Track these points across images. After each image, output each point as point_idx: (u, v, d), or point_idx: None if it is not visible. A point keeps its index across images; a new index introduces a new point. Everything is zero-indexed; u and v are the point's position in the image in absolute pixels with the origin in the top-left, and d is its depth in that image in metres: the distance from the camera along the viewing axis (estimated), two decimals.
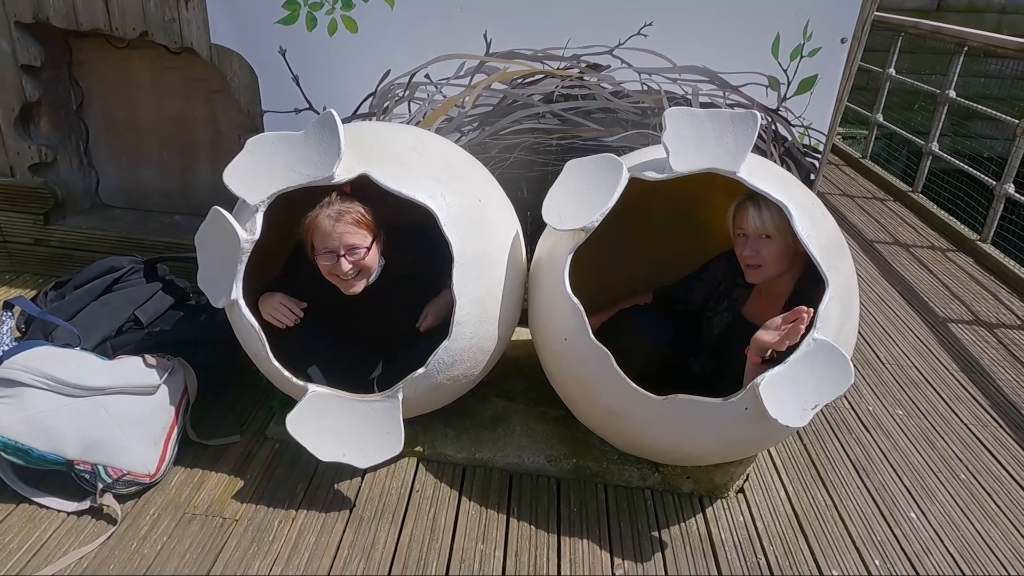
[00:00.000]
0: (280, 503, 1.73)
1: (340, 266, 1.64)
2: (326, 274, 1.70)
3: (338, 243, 1.63)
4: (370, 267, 1.70)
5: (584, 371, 1.65)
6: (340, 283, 1.70)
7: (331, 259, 1.65)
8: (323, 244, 1.64)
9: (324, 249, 1.64)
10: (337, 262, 1.64)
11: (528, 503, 1.81)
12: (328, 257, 1.65)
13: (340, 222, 1.62)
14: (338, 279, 1.69)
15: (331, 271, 1.67)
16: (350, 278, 1.67)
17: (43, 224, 2.61)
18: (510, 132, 2.22)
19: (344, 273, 1.65)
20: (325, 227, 1.62)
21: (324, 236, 1.63)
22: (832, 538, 1.80)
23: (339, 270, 1.65)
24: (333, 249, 1.64)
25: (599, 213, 1.61)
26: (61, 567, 1.51)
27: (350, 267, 1.65)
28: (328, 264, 1.66)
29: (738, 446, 1.67)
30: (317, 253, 1.66)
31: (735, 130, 1.61)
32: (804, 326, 1.48)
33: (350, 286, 1.69)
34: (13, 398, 1.60)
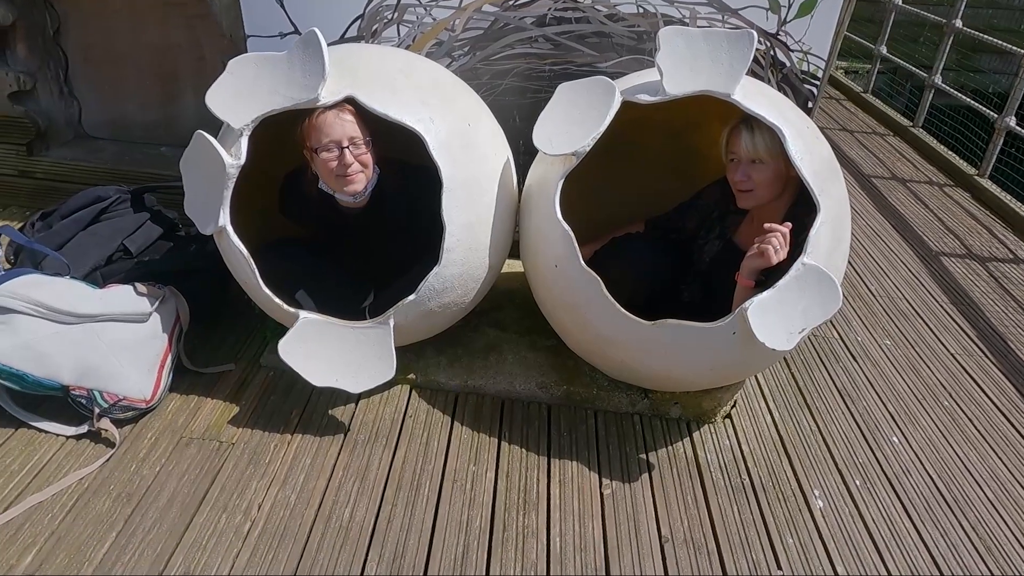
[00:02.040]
0: (275, 428, 1.76)
1: (344, 157, 1.62)
2: (326, 176, 1.67)
3: (341, 133, 1.60)
4: (369, 165, 1.68)
5: (574, 298, 1.66)
6: (341, 182, 1.66)
7: (334, 151, 1.62)
8: (326, 136, 1.60)
9: (327, 141, 1.60)
10: (341, 153, 1.62)
11: (519, 428, 1.84)
12: (331, 149, 1.61)
13: (340, 116, 1.60)
14: (340, 177, 1.65)
15: (334, 168, 1.64)
16: (353, 172, 1.64)
17: (26, 155, 2.56)
18: (502, 57, 2.16)
19: (348, 165, 1.62)
20: (327, 119, 1.59)
21: (327, 128, 1.59)
22: (815, 460, 1.85)
23: (343, 162, 1.62)
24: (336, 140, 1.60)
25: (591, 137, 1.58)
26: (63, 487, 1.54)
27: (353, 160, 1.63)
28: (331, 157, 1.62)
29: (726, 370, 1.70)
30: (320, 150, 1.62)
31: (730, 51, 1.56)
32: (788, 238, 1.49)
33: (351, 183, 1.66)
34: (5, 324, 1.61)
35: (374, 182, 1.72)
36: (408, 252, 1.85)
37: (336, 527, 1.52)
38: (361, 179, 1.67)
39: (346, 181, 1.66)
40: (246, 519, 1.52)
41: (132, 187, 2.13)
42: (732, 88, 1.54)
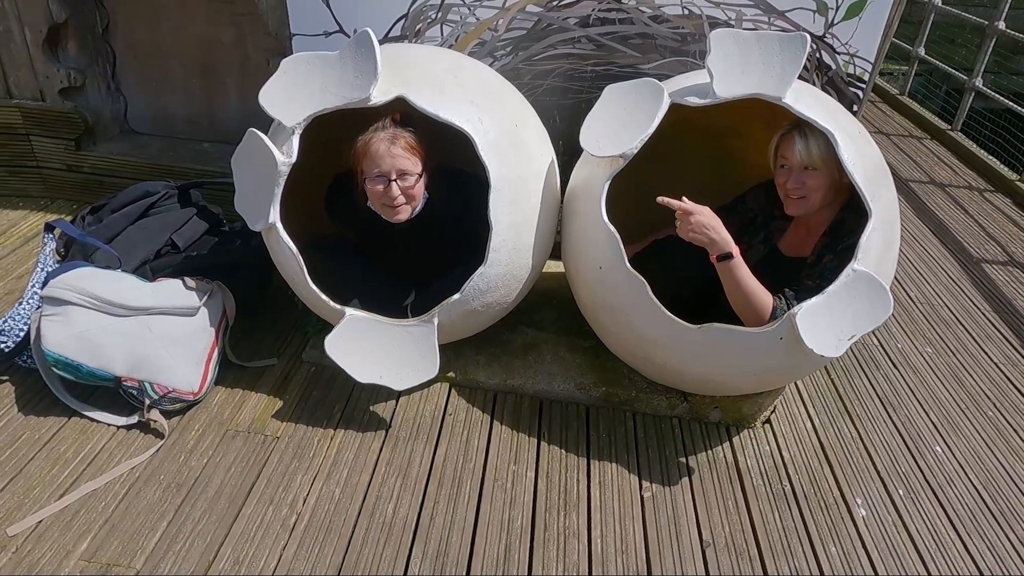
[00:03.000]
0: (319, 422, 1.79)
1: (391, 190, 1.63)
2: (374, 200, 1.69)
3: (390, 167, 1.62)
4: (417, 196, 1.69)
5: (618, 299, 1.66)
6: (387, 210, 1.69)
7: (382, 183, 1.64)
8: (375, 167, 1.62)
9: (376, 173, 1.63)
10: (388, 186, 1.63)
11: (558, 428, 1.85)
12: (379, 181, 1.64)
13: (395, 146, 1.61)
14: (386, 206, 1.68)
15: (380, 197, 1.66)
16: (399, 204, 1.66)
17: (74, 150, 2.61)
18: (544, 57, 2.16)
19: (393, 199, 1.64)
20: (379, 150, 1.61)
21: (377, 159, 1.61)
22: (857, 468, 1.83)
23: (389, 194, 1.64)
24: (385, 173, 1.62)
25: (638, 139, 1.58)
26: (115, 475, 1.58)
27: (399, 193, 1.64)
28: (378, 189, 1.64)
29: (770, 376, 1.68)
30: (368, 177, 1.64)
31: (782, 54, 1.55)
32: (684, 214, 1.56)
33: (396, 213, 1.68)
34: (61, 316, 1.65)
35: (420, 207, 1.73)
36: (451, 254, 1.87)
37: (380, 523, 1.54)
38: (406, 210, 1.69)
39: (392, 211, 1.68)
40: (292, 512, 1.54)
41: (179, 182, 2.16)
42: (784, 91, 1.53)
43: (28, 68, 2.48)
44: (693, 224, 1.56)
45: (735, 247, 1.57)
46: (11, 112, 2.55)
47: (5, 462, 1.59)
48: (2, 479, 1.55)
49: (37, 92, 2.52)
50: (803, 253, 1.73)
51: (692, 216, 1.55)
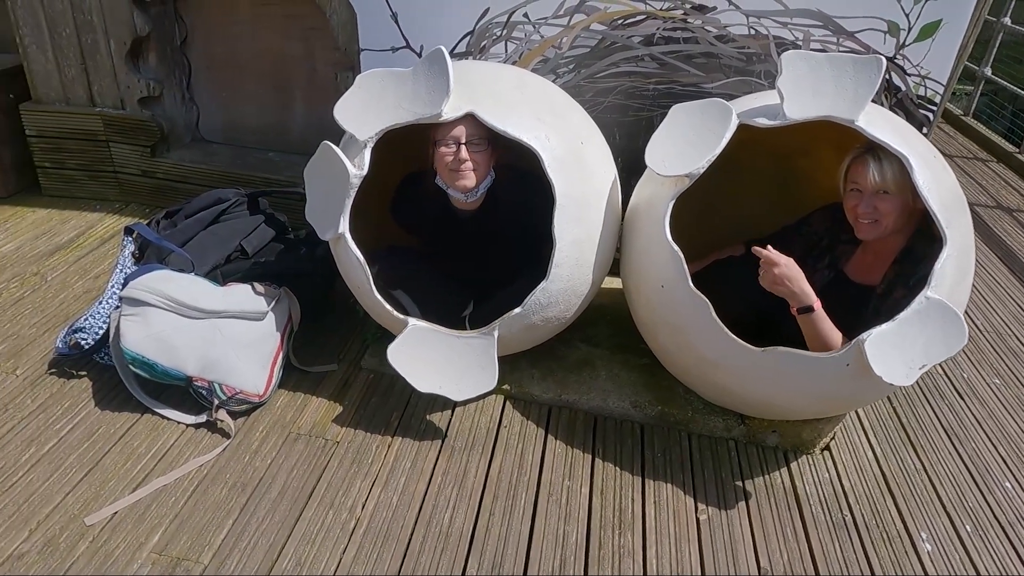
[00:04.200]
0: (377, 429, 1.82)
1: (460, 154, 1.68)
2: (442, 168, 1.73)
3: (460, 132, 1.66)
4: (484, 168, 1.73)
5: (679, 319, 1.65)
6: (454, 176, 1.72)
7: (452, 145, 1.67)
8: (447, 131, 1.66)
9: (448, 135, 1.67)
10: (458, 149, 1.67)
11: (613, 446, 1.84)
12: (449, 143, 1.68)
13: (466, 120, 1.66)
14: (453, 171, 1.71)
15: (449, 162, 1.70)
16: (466, 169, 1.70)
17: (150, 156, 2.73)
18: (606, 75, 2.17)
19: (462, 161, 1.68)
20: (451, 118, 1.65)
21: (448, 124, 1.65)
22: (921, 501, 1.77)
23: (459, 156, 1.68)
24: (455, 136, 1.66)
25: (705, 160, 1.58)
26: (184, 472, 1.64)
27: (468, 157, 1.68)
28: (448, 151, 1.68)
29: (833, 402, 1.65)
30: (439, 141, 1.69)
31: (856, 76, 1.53)
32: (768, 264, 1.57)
33: (462, 178, 1.71)
34: (140, 316, 1.72)
35: (487, 184, 1.77)
36: (511, 263, 1.89)
37: (436, 532, 1.56)
38: (472, 177, 1.72)
39: (458, 175, 1.72)
40: (351, 517, 1.57)
41: (248, 190, 2.24)
42: (857, 114, 1.51)
43: (111, 78, 2.61)
44: (776, 275, 1.57)
45: (816, 300, 1.57)
46: (94, 120, 2.69)
47: (83, 454, 1.67)
48: (80, 470, 1.62)
49: (118, 101, 2.65)
50: (871, 280, 1.70)
51: (775, 268, 1.56)
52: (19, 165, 2.85)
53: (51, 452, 1.67)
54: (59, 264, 2.43)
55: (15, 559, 1.42)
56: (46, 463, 1.64)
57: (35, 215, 2.75)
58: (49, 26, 2.54)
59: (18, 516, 1.51)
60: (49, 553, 1.43)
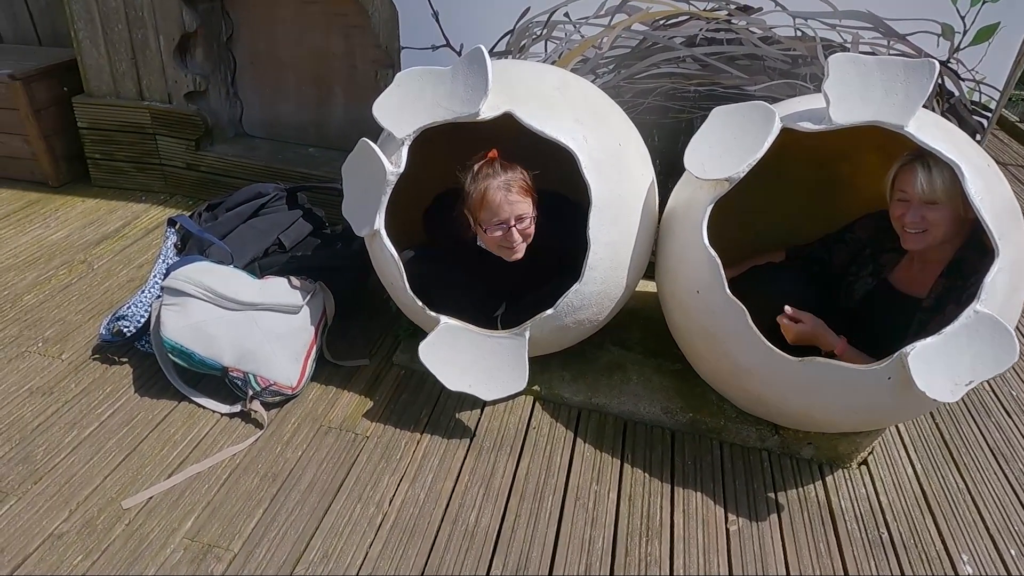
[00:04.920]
0: (406, 425, 1.83)
1: (511, 236, 1.67)
2: (491, 245, 1.72)
3: (509, 214, 1.65)
4: (532, 234, 1.72)
5: (715, 326, 1.62)
6: (504, 251, 1.72)
7: (503, 230, 1.67)
8: (495, 217, 1.65)
9: (496, 221, 1.66)
10: (508, 232, 1.66)
11: (642, 451, 1.82)
12: (499, 228, 1.67)
13: (511, 193, 1.64)
14: (504, 248, 1.71)
15: (499, 241, 1.69)
16: (516, 245, 1.69)
17: (194, 150, 2.80)
18: (646, 76, 2.15)
19: (513, 243, 1.68)
20: (496, 199, 1.64)
21: (496, 209, 1.64)
22: (963, 522, 1.71)
23: (509, 239, 1.67)
24: (504, 221, 1.66)
25: (746, 164, 1.55)
26: (218, 460, 1.67)
27: (520, 237, 1.68)
28: (499, 236, 1.68)
29: (872, 416, 1.60)
30: (487, 226, 1.67)
31: (907, 80, 1.48)
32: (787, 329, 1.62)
33: (514, 254, 1.71)
34: (180, 306, 1.76)
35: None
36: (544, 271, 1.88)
37: (462, 530, 1.56)
38: (523, 249, 1.72)
39: (509, 252, 1.71)
40: (379, 512, 1.58)
41: (287, 185, 2.27)
42: (906, 120, 1.46)
43: (160, 73, 2.68)
44: (797, 332, 1.61)
45: (839, 343, 1.62)
46: (142, 113, 2.76)
47: (123, 439, 1.71)
48: (119, 454, 1.67)
49: (165, 95, 2.72)
50: (917, 291, 1.65)
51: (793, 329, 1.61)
52: (71, 156, 2.95)
53: (92, 435, 1.71)
54: (105, 253, 2.50)
55: (55, 538, 1.46)
56: (87, 446, 1.68)
57: (84, 204, 2.84)
58: (102, 21, 2.62)
59: (59, 497, 1.55)
60: (87, 534, 1.47)
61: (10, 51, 3.00)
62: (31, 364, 1.94)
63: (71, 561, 1.42)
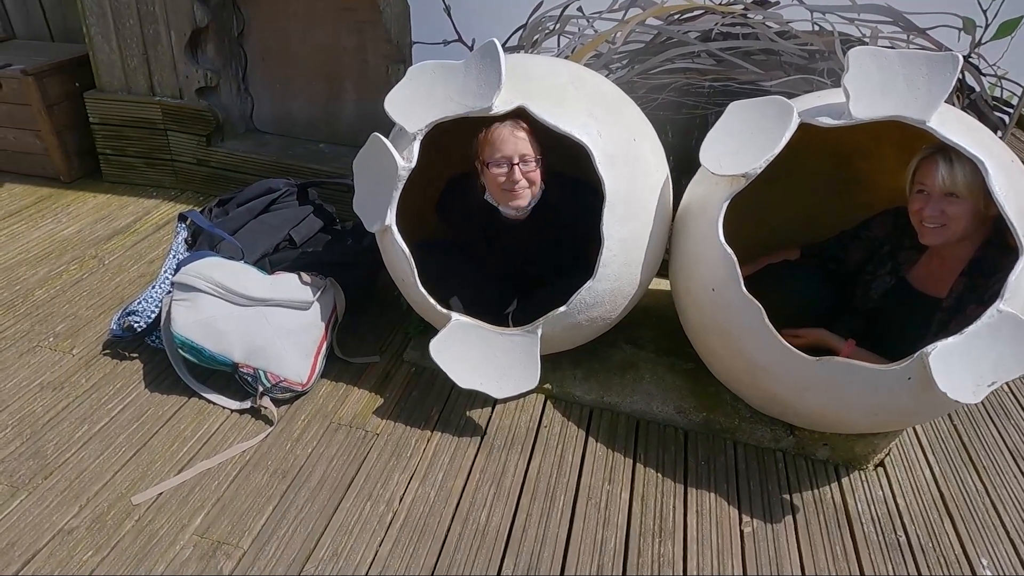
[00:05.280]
0: (417, 423, 1.82)
1: (513, 174, 1.66)
2: (494, 188, 1.71)
3: (513, 150, 1.64)
4: (537, 183, 1.71)
5: (730, 324, 1.60)
6: (506, 195, 1.70)
7: (504, 166, 1.66)
8: (498, 152, 1.64)
9: (499, 156, 1.65)
10: (510, 170, 1.66)
11: (655, 451, 1.80)
12: (502, 165, 1.66)
13: (517, 131, 1.64)
14: (506, 191, 1.69)
15: (502, 182, 1.68)
16: (520, 189, 1.68)
17: (205, 145, 2.79)
18: (661, 71, 2.12)
19: (515, 182, 1.66)
20: (502, 135, 1.63)
21: (500, 143, 1.64)
22: (983, 525, 1.68)
23: (512, 178, 1.66)
24: (508, 156, 1.64)
25: (763, 159, 1.52)
26: (228, 457, 1.66)
27: (521, 176, 1.66)
28: (500, 172, 1.66)
29: (891, 417, 1.57)
30: (490, 163, 1.67)
31: (929, 74, 1.45)
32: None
33: (515, 197, 1.69)
34: (190, 302, 1.75)
35: (538, 197, 1.74)
36: (557, 263, 1.86)
37: (473, 529, 1.54)
38: (527, 195, 1.70)
39: (512, 195, 1.69)
40: (388, 510, 1.57)
41: (298, 181, 2.26)
42: (929, 115, 1.43)
43: (171, 68, 2.67)
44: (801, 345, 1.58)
45: (845, 346, 1.66)
46: (153, 108, 2.76)
47: (133, 434, 1.71)
48: (129, 450, 1.66)
49: (176, 91, 2.72)
50: (936, 290, 1.62)
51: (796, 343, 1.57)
52: (82, 151, 2.95)
53: (102, 431, 1.71)
54: (116, 248, 2.50)
55: (65, 533, 1.46)
56: (97, 441, 1.68)
57: (95, 200, 2.84)
58: (114, 16, 2.62)
59: (69, 492, 1.55)
60: (97, 530, 1.47)
61: (22, 47, 3.00)
62: (42, 359, 1.94)
63: (81, 557, 1.41)
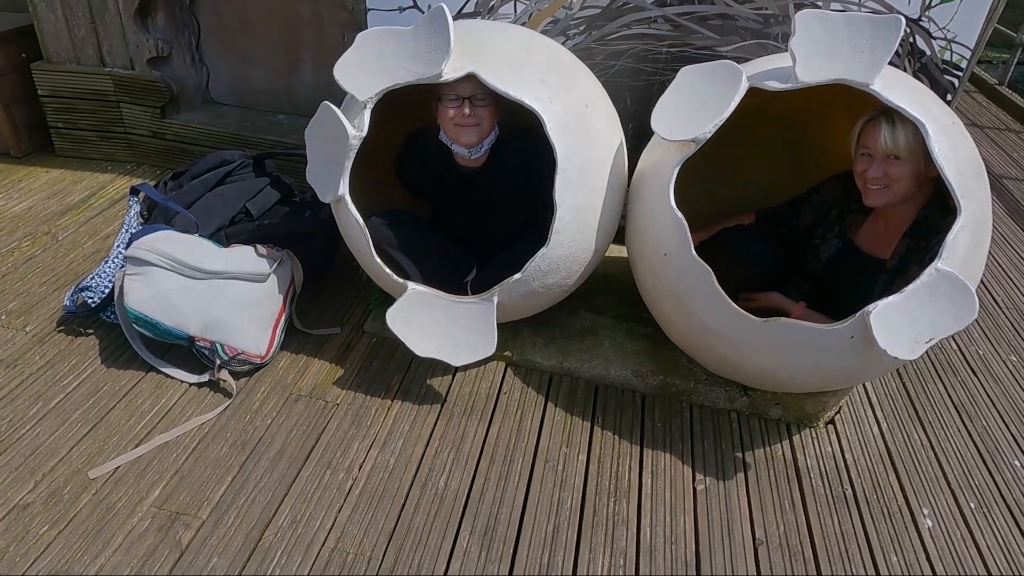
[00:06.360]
0: (377, 392, 1.83)
1: (463, 109, 1.69)
2: (447, 124, 1.74)
3: (466, 88, 1.66)
4: (488, 123, 1.74)
5: (682, 287, 1.62)
6: (459, 132, 1.73)
7: (457, 102, 1.68)
8: (452, 89, 1.66)
9: (452, 92, 1.67)
10: (462, 105, 1.68)
11: (612, 414, 1.84)
12: (454, 103, 1.69)
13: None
14: (458, 127, 1.72)
15: (453, 118, 1.71)
16: (470, 124, 1.71)
17: (159, 117, 2.73)
18: (618, 37, 2.11)
19: (467, 115, 1.69)
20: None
21: (455, 82, 1.64)
22: (926, 477, 1.74)
23: (462, 112, 1.69)
24: (461, 93, 1.67)
25: (712, 124, 1.53)
26: (186, 430, 1.66)
27: (471, 112, 1.69)
28: (453, 109, 1.69)
29: (837, 375, 1.62)
30: (444, 99, 1.69)
31: (873, 37, 1.47)
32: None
33: (468, 133, 1.73)
34: (143, 276, 1.73)
35: (491, 140, 1.78)
36: (512, 225, 1.87)
37: (432, 494, 1.57)
38: (476, 132, 1.74)
39: (463, 131, 1.72)
40: (348, 477, 1.59)
41: (254, 152, 2.23)
42: (872, 78, 1.45)
43: (120, 38, 2.60)
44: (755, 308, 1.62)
45: (796, 308, 1.71)
46: (104, 80, 2.69)
47: (89, 410, 1.70)
48: (85, 425, 1.66)
49: (127, 61, 2.64)
50: (881, 252, 1.66)
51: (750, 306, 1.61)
52: (32, 125, 2.87)
53: (57, 407, 1.70)
54: (70, 224, 2.45)
55: (20, 509, 1.45)
56: (52, 417, 1.67)
57: (48, 175, 2.77)
58: None
59: (24, 468, 1.54)
60: (53, 504, 1.47)
61: None
62: None
63: (37, 531, 1.41)
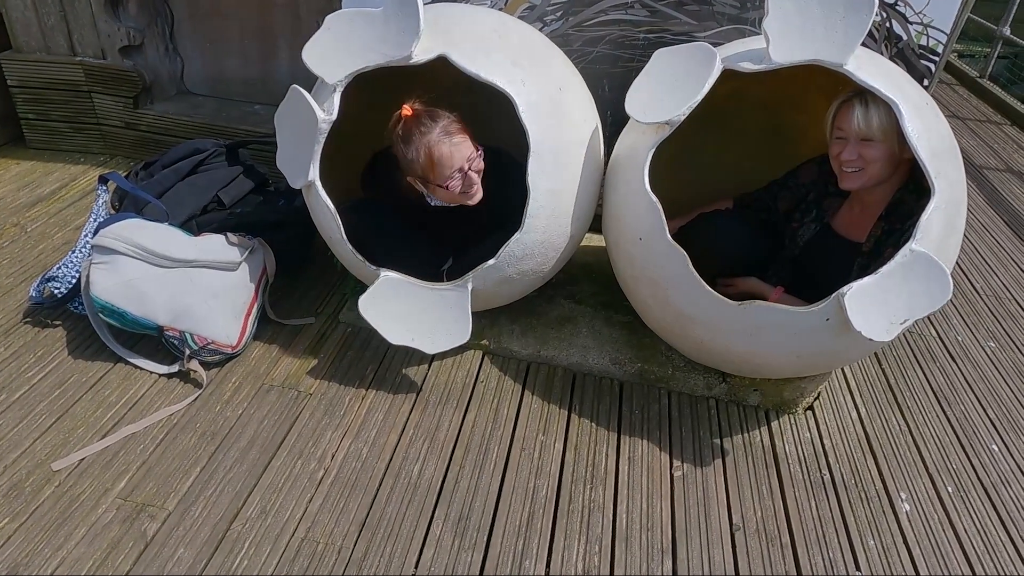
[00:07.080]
0: (351, 382, 1.80)
1: (469, 179, 1.64)
2: (451, 198, 1.67)
3: (461, 159, 1.61)
4: (482, 169, 1.68)
5: (658, 272, 1.61)
6: (465, 196, 1.67)
7: (459, 177, 1.63)
8: (449, 168, 1.60)
9: (451, 172, 1.61)
10: (466, 176, 1.63)
11: (590, 402, 1.82)
12: (456, 178, 1.62)
13: (452, 137, 1.60)
14: (464, 195, 1.67)
15: (461, 189, 1.65)
16: (476, 186, 1.66)
17: (133, 108, 2.68)
18: (595, 23, 2.09)
19: (472, 184, 1.65)
20: (443, 152, 1.59)
21: (448, 160, 1.60)
22: (904, 462, 1.74)
23: (468, 182, 1.64)
24: (459, 168, 1.61)
25: (686, 106, 1.51)
26: (154, 421, 1.63)
27: (476, 176, 1.65)
28: (458, 184, 1.63)
29: (814, 359, 1.61)
30: (443, 181, 1.62)
31: (846, 17, 1.45)
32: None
33: (474, 195, 1.68)
34: (109, 264, 1.69)
35: None
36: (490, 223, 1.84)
37: (405, 483, 1.54)
38: (480, 189, 1.68)
39: (470, 196, 1.68)
40: (320, 467, 1.56)
41: (228, 141, 2.19)
42: (846, 58, 1.44)
43: (91, 26, 2.55)
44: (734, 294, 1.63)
45: (774, 292, 1.72)
46: (75, 69, 2.63)
47: (54, 402, 1.66)
48: (50, 417, 1.62)
49: (99, 50, 2.59)
50: (857, 235, 1.65)
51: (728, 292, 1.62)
52: (3, 116, 2.81)
53: (21, 399, 1.66)
54: (40, 215, 2.40)
55: None
56: (16, 409, 1.63)
57: (19, 167, 2.72)
58: None
59: None
60: (14, 496, 1.43)
61: None
62: None
63: None
